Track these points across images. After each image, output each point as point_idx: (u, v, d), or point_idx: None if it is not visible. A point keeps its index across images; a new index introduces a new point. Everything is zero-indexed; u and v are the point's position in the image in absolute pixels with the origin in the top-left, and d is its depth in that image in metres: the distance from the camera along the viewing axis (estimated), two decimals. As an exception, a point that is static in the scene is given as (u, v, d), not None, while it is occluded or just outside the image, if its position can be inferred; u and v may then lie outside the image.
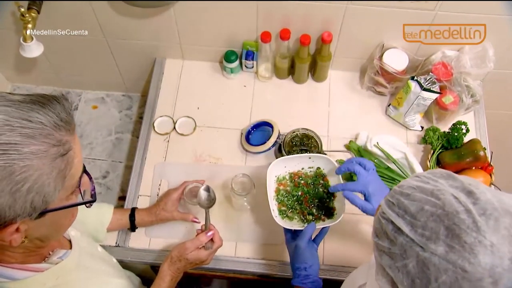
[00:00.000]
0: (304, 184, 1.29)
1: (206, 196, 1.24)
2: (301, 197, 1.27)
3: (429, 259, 0.57)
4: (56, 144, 0.66)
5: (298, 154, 1.33)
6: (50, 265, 0.84)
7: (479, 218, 0.56)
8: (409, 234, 0.60)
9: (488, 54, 1.37)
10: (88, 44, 1.59)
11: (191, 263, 1.13)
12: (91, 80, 1.84)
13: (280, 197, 1.28)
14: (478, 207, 0.58)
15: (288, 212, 1.26)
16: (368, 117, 1.55)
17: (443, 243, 0.57)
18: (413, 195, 0.62)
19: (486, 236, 0.55)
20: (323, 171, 1.30)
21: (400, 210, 0.62)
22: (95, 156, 1.76)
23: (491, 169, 1.38)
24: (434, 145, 1.41)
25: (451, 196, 0.59)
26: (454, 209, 0.58)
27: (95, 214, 1.26)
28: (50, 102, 0.68)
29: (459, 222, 0.57)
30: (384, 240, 0.63)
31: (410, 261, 0.59)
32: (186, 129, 1.53)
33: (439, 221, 0.58)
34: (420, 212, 0.60)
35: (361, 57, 1.56)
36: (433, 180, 0.63)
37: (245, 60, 1.57)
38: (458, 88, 1.42)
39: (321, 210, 1.25)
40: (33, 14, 1.30)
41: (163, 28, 1.51)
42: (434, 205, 0.59)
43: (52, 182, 0.66)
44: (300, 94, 1.60)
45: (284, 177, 1.30)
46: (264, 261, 1.33)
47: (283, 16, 1.41)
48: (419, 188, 0.63)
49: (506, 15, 1.30)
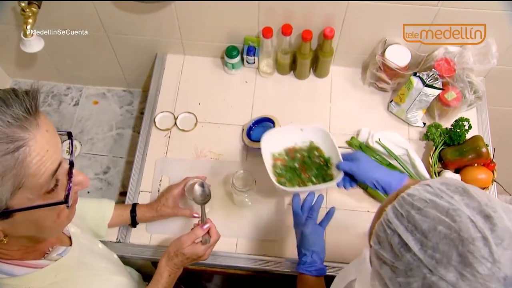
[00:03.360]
0: (300, 156, 1.34)
1: (201, 192, 1.24)
2: (298, 168, 1.32)
3: (437, 284, 0.55)
4: (2, 141, 0.63)
5: (289, 126, 1.36)
6: (50, 261, 0.84)
7: (495, 248, 0.54)
8: (418, 253, 0.57)
9: (491, 51, 1.36)
10: (89, 40, 1.59)
11: (188, 258, 1.11)
12: (92, 75, 1.84)
13: (278, 171, 1.31)
14: (495, 235, 0.55)
15: (287, 184, 1.29)
16: (370, 113, 1.55)
17: (455, 270, 0.55)
18: (425, 211, 0.59)
19: (501, 268, 0.53)
20: (316, 144, 1.34)
21: (410, 224, 0.59)
22: (96, 151, 1.76)
23: (494, 166, 1.37)
24: (436, 141, 1.41)
25: (468, 219, 0.56)
26: (470, 235, 0.55)
27: (96, 210, 1.26)
28: (5, 99, 0.65)
29: (474, 250, 0.54)
30: (387, 251, 0.61)
31: (415, 280, 0.57)
32: (187, 125, 1.53)
33: (453, 245, 0.55)
34: (432, 232, 0.57)
35: (363, 53, 1.55)
36: (447, 195, 0.60)
37: (246, 56, 1.56)
38: (460, 84, 1.41)
39: (320, 178, 1.29)
40: (33, 9, 1.30)
41: (164, 24, 1.50)
42: (449, 227, 0.56)
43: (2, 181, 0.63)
44: (302, 90, 1.60)
45: (280, 153, 1.35)
46: (265, 257, 1.33)
47: (284, 12, 1.41)
48: (432, 203, 0.59)
49: (509, 11, 1.29)
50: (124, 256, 1.31)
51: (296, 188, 1.26)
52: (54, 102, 1.84)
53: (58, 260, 0.85)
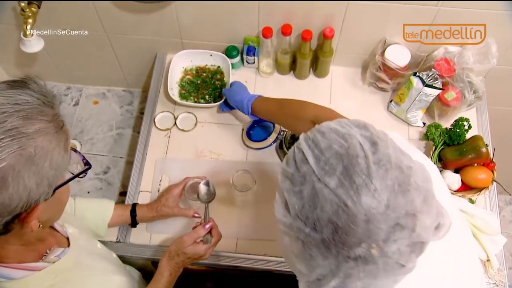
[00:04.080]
0: (205, 76, 1.59)
1: (206, 190, 1.25)
2: (199, 85, 1.58)
3: (321, 189, 0.63)
4: (51, 119, 0.68)
5: (201, 50, 1.58)
6: (48, 263, 0.84)
7: (372, 165, 0.63)
8: (312, 165, 0.65)
9: (491, 50, 1.36)
10: (89, 40, 1.59)
11: (189, 257, 1.12)
12: (92, 75, 1.84)
13: (183, 83, 1.59)
14: (375, 157, 0.64)
15: (186, 96, 1.57)
16: (370, 113, 1.55)
17: (337, 179, 0.63)
18: (327, 134, 0.68)
19: (372, 181, 0.61)
20: (222, 69, 1.59)
21: (312, 144, 0.68)
22: (96, 151, 1.76)
23: (493, 166, 1.37)
24: (436, 141, 1.41)
25: (358, 142, 0.65)
26: (356, 153, 0.64)
27: (96, 210, 1.26)
28: (26, 83, 0.69)
29: (355, 164, 0.63)
30: (291, 166, 0.69)
31: (305, 187, 0.65)
32: (187, 125, 1.53)
33: (340, 159, 0.64)
34: (327, 149, 0.66)
35: (363, 52, 1.56)
36: (349, 126, 0.69)
37: (246, 56, 1.56)
38: (460, 84, 1.41)
39: (212, 97, 1.57)
40: (33, 9, 1.30)
41: (165, 24, 1.51)
42: (341, 146, 0.65)
43: (63, 155, 0.69)
44: (302, 90, 1.60)
45: (191, 69, 1.61)
46: (265, 257, 1.33)
47: (284, 12, 1.41)
48: (334, 130, 0.68)
49: (509, 10, 1.29)
50: (124, 256, 1.31)
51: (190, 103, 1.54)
52: (54, 102, 1.83)
53: (56, 262, 0.85)
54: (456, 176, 1.37)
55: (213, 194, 1.25)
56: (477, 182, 1.35)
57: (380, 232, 0.61)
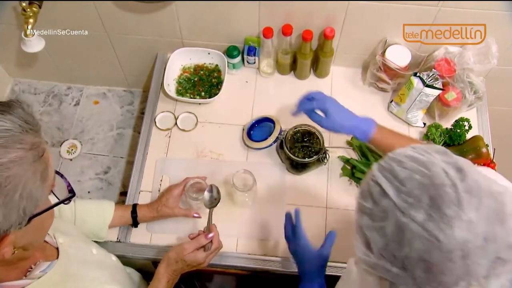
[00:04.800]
0: (202, 73, 1.60)
1: (209, 197, 1.25)
2: (196, 82, 1.59)
3: (407, 224, 0.58)
4: (30, 147, 0.66)
5: (200, 48, 1.59)
6: (31, 280, 0.80)
7: (463, 194, 0.58)
8: (393, 198, 0.60)
9: (492, 51, 1.37)
10: (90, 40, 1.59)
11: (189, 265, 1.11)
12: (92, 75, 1.84)
13: (180, 80, 1.60)
14: (464, 184, 0.59)
15: (182, 92, 1.58)
16: (370, 113, 1.52)
17: (424, 211, 0.58)
18: (405, 163, 0.63)
19: (465, 211, 0.56)
20: (220, 67, 1.60)
21: (390, 175, 0.63)
22: (96, 151, 1.76)
23: (494, 166, 1.37)
24: (437, 141, 1.41)
25: (442, 170, 0.60)
26: (441, 181, 0.59)
27: (96, 212, 1.26)
28: (9, 107, 0.67)
29: (443, 194, 0.58)
30: (368, 201, 0.64)
31: (388, 223, 0.60)
32: (187, 125, 1.53)
33: (425, 190, 0.59)
34: (408, 180, 0.61)
35: (363, 53, 1.56)
36: (427, 153, 0.64)
37: (247, 56, 1.56)
38: (461, 84, 1.41)
39: (207, 94, 1.57)
40: (34, 9, 1.30)
41: (165, 24, 1.51)
42: (423, 175, 0.60)
43: (39, 184, 0.66)
44: (302, 90, 1.57)
45: (190, 67, 1.62)
46: (266, 257, 1.33)
47: (285, 12, 1.41)
48: (412, 158, 0.63)
49: (510, 11, 1.29)
50: (125, 256, 1.31)
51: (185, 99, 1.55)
52: (55, 102, 1.84)
53: (41, 277, 0.82)
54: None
55: (216, 200, 1.25)
56: (478, 182, 1.35)
57: (480, 268, 0.57)
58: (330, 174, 1.44)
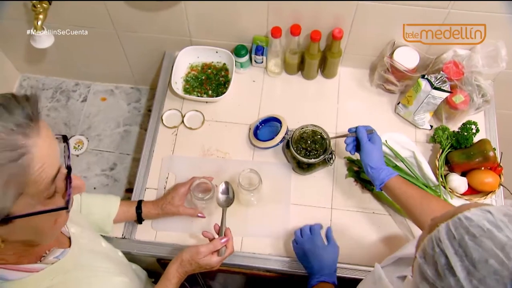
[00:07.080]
0: (210, 72, 1.61)
1: (225, 198, 1.29)
2: (203, 80, 1.60)
3: None
4: (6, 149, 0.63)
5: (208, 46, 1.60)
6: (46, 265, 0.82)
7: None
8: (463, 280, 0.54)
9: (501, 54, 1.36)
10: (98, 37, 1.60)
11: (201, 267, 1.12)
12: (100, 72, 1.85)
13: (188, 78, 1.61)
14: None
15: (190, 90, 1.59)
16: (377, 114, 1.55)
17: None
18: (480, 240, 0.55)
19: None
20: (227, 66, 1.62)
21: (461, 249, 0.56)
22: (103, 148, 1.76)
23: (501, 170, 1.37)
24: (443, 144, 1.40)
25: None
26: None
27: (102, 206, 1.27)
28: (6, 105, 0.65)
29: None
30: (431, 269, 0.58)
31: None
32: (194, 123, 1.53)
33: (502, 283, 0.52)
34: (482, 264, 0.53)
35: (371, 54, 1.55)
36: (507, 229, 0.55)
37: (255, 55, 1.56)
38: (469, 87, 1.41)
39: (215, 93, 1.58)
40: (44, 5, 1.31)
41: (174, 22, 1.51)
42: (502, 263, 0.52)
43: (1, 189, 0.63)
44: (309, 90, 1.60)
45: (197, 65, 1.63)
46: (271, 256, 1.33)
47: (293, 12, 1.41)
48: (489, 233, 0.55)
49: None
50: (130, 252, 1.32)
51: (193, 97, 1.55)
52: (62, 98, 1.85)
53: (54, 263, 0.83)
54: (462, 180, 1.36)
55: (231, 199, 1.28)
56: (484, 186, 1.35)
57: None
58: (335, 175, 1.44)
